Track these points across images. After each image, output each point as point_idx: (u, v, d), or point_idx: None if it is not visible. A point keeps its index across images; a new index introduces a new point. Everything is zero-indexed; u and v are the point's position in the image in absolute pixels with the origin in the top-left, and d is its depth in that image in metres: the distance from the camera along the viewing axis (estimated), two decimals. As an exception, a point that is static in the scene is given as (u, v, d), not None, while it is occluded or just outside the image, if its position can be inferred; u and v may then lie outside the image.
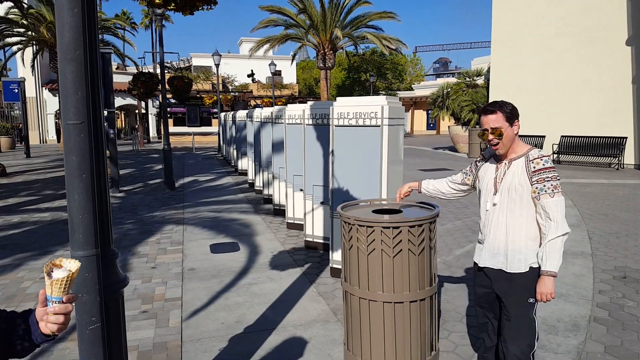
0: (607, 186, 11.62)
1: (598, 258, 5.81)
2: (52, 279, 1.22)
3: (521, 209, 2.53)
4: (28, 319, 1.29)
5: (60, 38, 1.86)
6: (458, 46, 77.29)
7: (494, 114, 2.55)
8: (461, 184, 3.00)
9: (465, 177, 2.97)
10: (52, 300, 1.24)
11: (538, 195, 2.46)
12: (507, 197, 2.55)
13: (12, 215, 8.84)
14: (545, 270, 2.46)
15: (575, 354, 3.53)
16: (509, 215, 2.56)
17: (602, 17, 15.95)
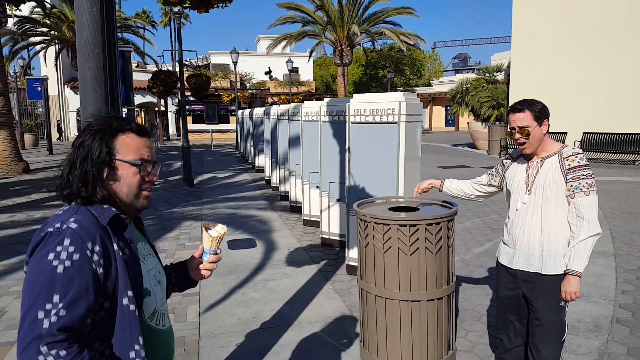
0: (630, 184, 11.38)
1: (621, 257, 5.69)
2: (212, 236, 1.62)
3: (556, 208, 2.47)
4: (178, 271, 1.70)
5: (80, 36, 1.88)
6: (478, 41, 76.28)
7: (522, 113, 2.48)
8: (487, 185, 2.91)
9: (491, 178, 2.88)
10: (209, 252, 1.64)
11: (573, 194, 2.40)
12: (542, 196, 2.49)
13: (35, 210, 9.02)
14: (571, 270, 2.41)
15: (596, 356, 3.46)
16: (544, 215, 2.49)
17: (624, 13, 15.60)
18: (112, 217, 1.32)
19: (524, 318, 2.73)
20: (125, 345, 1.29)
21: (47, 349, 1.14)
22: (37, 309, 1.17)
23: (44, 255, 1.22)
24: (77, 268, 1.21)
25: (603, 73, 16.19)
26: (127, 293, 1.29)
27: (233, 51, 26.20)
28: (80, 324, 1.20)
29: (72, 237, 1.23)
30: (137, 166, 1.38)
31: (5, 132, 14.63)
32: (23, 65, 29.70)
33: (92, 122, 1.42)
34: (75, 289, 1.20)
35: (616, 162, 15.41)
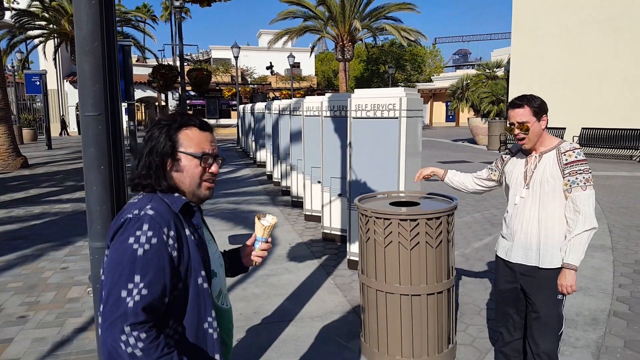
0: (628, 179, 11.38)
1: (618, 251, 5.70)
2: (264, 225, 1.72)
3: (554, 203, 2.49)
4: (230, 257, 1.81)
5: (78, 30, 1.87)
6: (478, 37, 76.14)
7: (521, 108, 2.51)
8: (487, 179, 2.93)
9: (490, 172, 2.90)
10: (261, 240, 1.74)
11: (570, 188, 2.43)
12: (540, 190, 2.51)
13: (34, 206, 9.02)
14: (566, 263, 2.43)
15: (594, 348, 3.47)
16: (542, 209, 2.51)
17: (626, 6, 15.54)
18: (184, 205, 1.45)
19: (523, 311, 2.74)
20: (199, 319, 1.43)
21: (130, 330, 1.24)
22: (120, 288, 1.27)
23: (125, 239, 1.32)
24: (155, 251, 1.32)
25: (603, 68, 16.16)
26: (200, 273, 1.42)
27: (234, 46, 26.15)
28: (158, 303, 1.31)
29: (150, 222, 1.34)
30: (198, 158, 1.48)
31: (3, 127, 14.59)
32: (21, 59, 29.60)
33: (160, 118, 1.54)
34: (154, 270, 1.31)
35: (614, 157, 15.41)
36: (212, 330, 1.46)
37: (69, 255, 5.93)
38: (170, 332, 1.39)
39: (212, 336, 1.47)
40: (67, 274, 5.29)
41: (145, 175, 1.45)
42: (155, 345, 1.27)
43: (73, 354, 3.52)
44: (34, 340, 3.76)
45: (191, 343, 1.43)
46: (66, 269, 5.46)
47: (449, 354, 3.29)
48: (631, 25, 15.38)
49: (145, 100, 40.20)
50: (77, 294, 4.70)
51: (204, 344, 1.45)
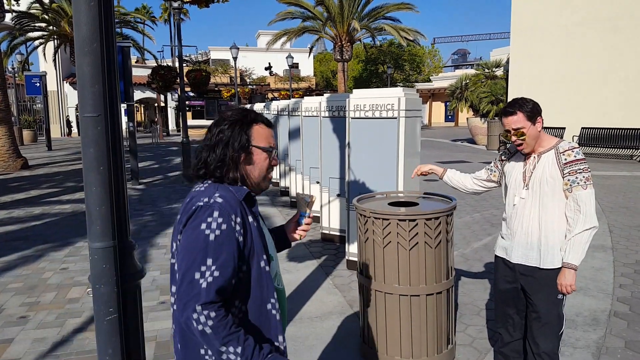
0: (628, 178, 11.39)
1: (619, 252, 5.70)
2: (309, 201, 1.86)
3: (554, 203, 2.49)
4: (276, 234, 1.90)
5: (77, 31, 1.88)
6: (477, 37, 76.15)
7: (515, 115, 2.51)
8: (486, 180, 2.93)
9: (490, 173, 2.90)
10: (305, 216, 1.87)
11: (570, 188, 2.43)
12: (539, 190, 2.51)
13: (34, 207, 9.03)
14: (566, 262, 2.43)
15: (594, 349, 3.47)
16: (542, 210, 2.51)
17: (625, 5, 15.56)
18: (247, 194, 1.56)
19: (523, 311, 2.74)
20: (262, 300, 1.53)
21: (202, 309, 1.36)
22: (194, 271, 1.39)
23: (197, 225, 1.43)
24: (225, 236, 1.43)
25: (602, 68, 16.17)
26: (263, 257, 1.53)
27: (233, 46, 26.18)
28: (228, 284, 1.43)
29: (220, 209, 1.44)
30: (268, 152, 1.62)
31: (3, 128, 14.59)
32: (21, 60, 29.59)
33: (227, 113, 1.64)
34: (225, 254, 1.42)
35: (614, 157, 15.42)
36: (275, 311, 1.55)
37: (69, 256, 5.94)
38: (235, 312, 1.48)
39: (275, 317, 1.55)
40: (67, 274, 5.30)
41: (219, 167, 1.54)
42: (224, 323, 1.37)
43: (73, 354, 3.52)
44: (35, 340, 3.76)
45: (254, 323, 1.52)
46: (66, 269, 5.46)
47: (448, 355, 3.29)
48: (631, 25, 15.40)
49: (144, 101, 40.20)
50: (77, 295, 4.71)
51: (267, 324, 1.54)
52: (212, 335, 1.36)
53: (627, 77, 15.55)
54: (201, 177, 1.59)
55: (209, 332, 1.36)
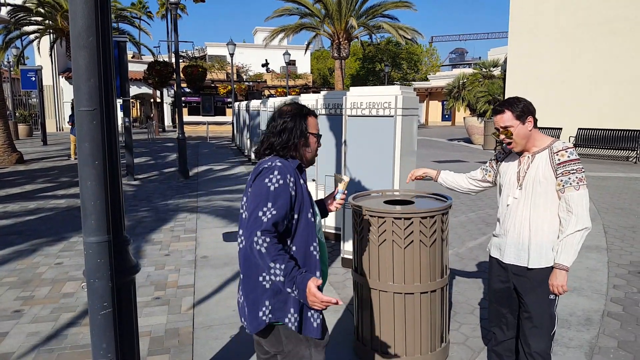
0: (624, 180, 11.44)
1: (613, 252, 5.73)
2: (344, 181, 2.34)
3: (546, 203, 2.49)
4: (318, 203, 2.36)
5: (73, 25, 1.86)
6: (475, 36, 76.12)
7: (503, 114, 2.52)
8: (482, 180, 2.93)
9: (485, 173, 2.90)
10: (341, 192, 2.34)
11: (563, 188, 2.42)
12: (532, 191, 2.51)
13: (29, 201, 8.99)
14: (557, 263, 2.43)
15: (587, 349, 3.49)
16: (533, 210, 2.51)
17: (623, 8, 15.60)
18: (298, 165, 2.08)
19: (516, 311, 2.75)
20: (307, 243, 2.01)
21: (260, 234, 1.84)
22: (258, 210, 1.89)
23: (263, 180, 1.95)
24: (282, 189, 1.92)
25: (599, 69, 16.22)
26: (310, 210, 2.03)
27: (230, 43, 26.10)
28: (281, 222, 1.91)
29: (279, 170, 1.96)
30: (317, 137, 2.16)
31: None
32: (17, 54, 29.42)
33: (287, 107, 2.15)
34: (280, 201, 1.90)
35: (610, 158, 15.49)
36: (315, 252, 2.02)
37: (63, 251, 5.92)
38: (287, 249, 1.97)
39: (315, 257, 2.02)
40: (61, 269, 5.28)
41: (283, 148, 2.06)
42: (275, 247, 1.84)
43: (67, 348, 3.52)
44: (29, 334, 3.75)
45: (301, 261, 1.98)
46: (61, 264, 5.44)
47: (441, 353, 3.30)
48: (628, 27, 15.45)
49: (140, 96, 40.03)
50: (71, 289, 4.69)
51: (309, 261, 2.00)
52: (265, 254, 1.83)
53: (623, 79, 15.61)
54: (266, 155, 2.10)
55: (263, 252, 1.83)
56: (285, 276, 1.82)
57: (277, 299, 1.96)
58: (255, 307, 1.98)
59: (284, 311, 1.96)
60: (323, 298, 1.80)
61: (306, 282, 1.80)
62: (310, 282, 1.80)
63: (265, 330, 2.02)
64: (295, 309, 1.96)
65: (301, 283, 1.81)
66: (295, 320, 1.95)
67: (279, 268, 1.82)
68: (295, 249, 1.99)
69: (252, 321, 1.99)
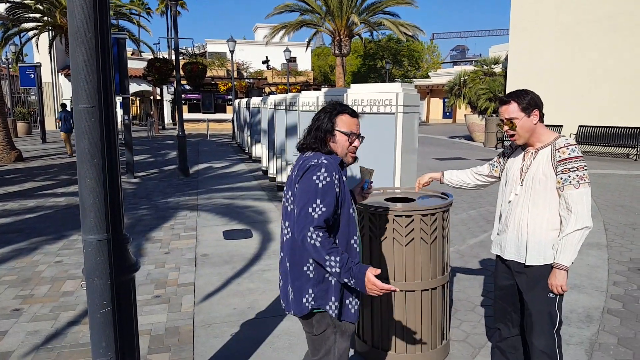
0: (625, 177, 11.43)
1: (613, 249, 5.72)
2: (370, 172, 2.49)
3: (545, 201, 2.45)
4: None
5: (72, 21, 1.85)
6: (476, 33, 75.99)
7: (508, 105, 2.50)
8: (488, 175, 2.91)
9: (492, 168, 2.88)
10: (368, 182, 2.50)
11: (562, 186, 2.38)
12: (531, 188, 2.48)
13: (28, 199, 8.98)
14: (556, 263, 2.41)
15: (587, 345, 3.49)
16: (532, 207, 2.49)
17: (624, 4, 15.55)
18: (340, 161, 2.18)
19: (519, 309, 2.74)
20: (349, 236, 2.15)
21: (314, 230, 1.98)
22: (308, 207, 2.01)
23: (311, 177, 2.05)
24: (329, 186, 2.04)
25: (600, 66, 16.18)
26: (351, 206, 2.18)
27: (230, 39, 26.04)
28: (330, 218, 2.04)
29: (326, 167, 2.07)
30: (347, 135, 2.20)
31: (-2, 120, 14.50)
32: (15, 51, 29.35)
33: (327, 106, 2.30)
34: (329, 198, 2.03)
35: (611, 156, 15.46)
36: (356, 245, 2.17)
37: (63, 249, 5.91)
38: (332, 240, 2.05)
39: (356, 249, 2.17)
40: (61, 267, 5.27)
41: (313, 143, 2.19)
42: (328, 240, 1.99)
43: (67, 347, 3.51)
44: (28, 333, 3.74)
45: None
46: (60, 262, 5.43)
47: (442, 350, 3.29)
48: (629, 23, 15.40)
49: (140, 94, 40.00)
50: (71, 288, 4.69)
51: (350, 252, 2.13)
52: (320, 247, 1.98)
53: (625, 76, 15.57)
54: (304, 149, 2.24)
55: (318, 246, 1.97)
56: (342, 267, 1.99)
57: (319, 287, 2.12)
58: (299, 294, 2.13)
59: (325, 299, 2.13)
60: (383, 286, 1.98)
61: (364, 272, 2.00)
62: (368, 272, 1.99)
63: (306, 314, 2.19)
64: (336, 298, 2.12)
65: (359, 272, 2.00)
66: (336, 307, 2.12)
67: (335, 260, 1.98)
68: (338, 243, 2.12)
69: (297, 307, 2.16)
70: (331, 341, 2.23)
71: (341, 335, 2.23)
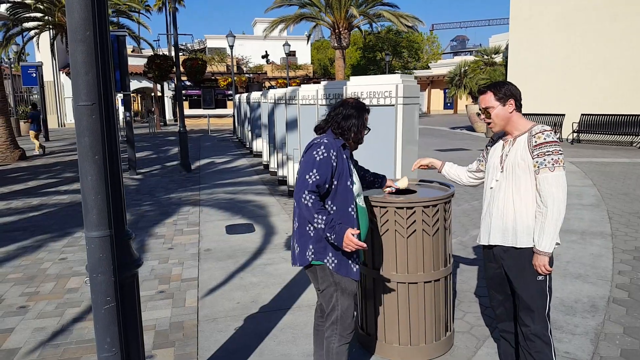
0: (628, 165, 11.39)
1: (618, 238, 5.71)
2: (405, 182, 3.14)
3: (526, 184, 2.53)
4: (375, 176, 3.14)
5: (70, 19, 1.85)
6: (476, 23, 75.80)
7: (485, 94, 2.64)
8: (477, 171, 2.99)
9: (479, 163, 2.96)
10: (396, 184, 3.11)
11: (538, 169, 2.47)
12: (512, 173, 2.56)
13: (32, 197, 9.01)
14: (537, 249, 2.47)
15: (593, 335, 3.49)
16: (515, 192, 2.56)
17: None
18: (342, 144, 2.58)
19: (510, 295, 2.76)
20: (346, 204, 2.51)
21: (307, 192, 2.40)
22: (305, 174, 2.43)
23: (312, 152, 2.49)
24: (325, 160, 2.45)
25: (603, 54, 16.07)
26: (348, 178, 2.53)
27: (229, 35, 25.97)
28: (322, 184, 2.44)
29: (325, 145, 2.50)
30: (368, 130, 2.72)
31: (1, 119, 14.54)
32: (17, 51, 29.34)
33: (351, 100, 2.73)
34: (323, 168, 2.44)
35: (614, 144, 15.40)
36: (353, 212, 2.53)
37: (67, 246, 5.93)
38: (328, 208, 2.50)
39: (353, 217, 2.52)
40: (66, 264, 5.30)
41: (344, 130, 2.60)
42: (318, 202, 2.40)
43: (73, 343, 3.53)
44: (35, 330, 3.77)
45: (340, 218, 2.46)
46: (65, 259, 5.46)
47: (446, 342, 3.30)
48: (630, 12, 15.28)
49: (141, 90, 39.99)
50: (76, 285, 4.71)
51: (347, 219, 2.49)
52: (311, 207, 2.37)
53: (626, 64, 15.46)
54: (325, 131, 2.65)
55: (310, 205, 2.38)
56: (326, 224, 2.36)
57: (318, 245, 2.49)
58: (303, 249, 2.53)
59: (323, 254, 2.50)
60: (358, 242, 2.36)
61: (345, 229, 2.36)
62: (349, 230, 2.36)
63: (309, 268, 2.61)
64: (332, 254, 2.50)
65: (340, 230, 2.36)
66: (333, 262, 2.50)
67: (321, 218, 2.36)
68: (337, 208, 2.49)
69: (301, 259, 2.55)
70: (334, 299, 2.56)
71: (342, 293, 2.55)
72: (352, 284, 2.57)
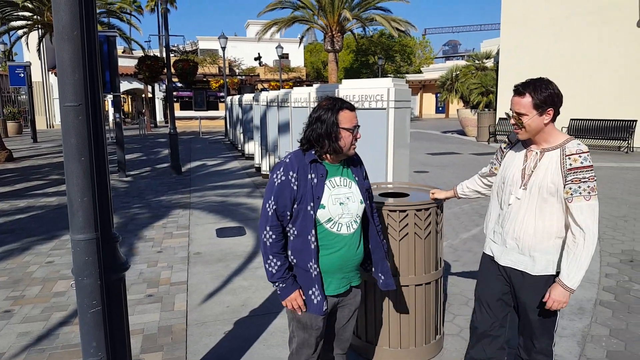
0: (616, 169, 11.50)
1: (605, 242, 5.75)
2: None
3: (552, 209, 2.25)
4: None
5: (57, 18, 1.82)
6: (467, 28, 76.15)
7: (522, 97, 2.22)
8: (490, 175, 2.68)
9: (492, 167, 2.64)
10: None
11: (571, 197, 2.16)
12: (538, 194, 2.26)
13: (19, 199, 8.90)
14: (564, 284, 2.21)
15: (580, 337, 3.51)
16: (539, 215, 2.27)
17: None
18: (312, 160, 2.21)
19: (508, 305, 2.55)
20: (306, 231, 2.16)
21: (269, 229, 2.16)
22: (265, 203, 2.18)
23: (272, 174, 2.22)
24: (283, 184, 2.16)
25: (592, 59, 16.23)
26: (310, 203, 2.15)
27: (222, 36, 25.91)
28: (282, 212, 2.16)
29: (285, 166, 2.19)
30: (350, 131, 2.19)
31: (-12, 120, 14.35)
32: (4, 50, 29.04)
33: (323, 102, 2.25)
34: (281, 195, 2.15)
35: (602, 148, 15.54)
36: (312, 241, 2.16)
37: (54, 249, 5.86)
38: (291, 231, 2.21)
39: (311, 246, 2.16)
40: (52, 268, 5.23)
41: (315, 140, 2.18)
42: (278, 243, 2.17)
43: (59, 348, 3.48)
44: (20, 334, 3.71)
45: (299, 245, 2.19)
46: (52, 263, 5.39)
47: (436, 345, 3.30)
48: (619, 16, 15.44)
49: (131, 92, 39.75)
50: (62, 288, 4.65)
51: (306, 248, 2.17)
52: (269, 246, 2.16)
53: (616, 69, 15.63)
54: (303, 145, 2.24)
55: (268, 245, 2.16)
56: (277, 272, 2.16)
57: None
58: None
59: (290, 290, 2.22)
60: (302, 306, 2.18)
61: (296, 289, 2.18)
62: (299, 291, 2.18)
63: None
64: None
65: (292, 286, 2.18)
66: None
67: (275, 263, 2.16)
68: (297, 233, 2.20)
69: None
70: (292, 327, 2.36)
71: (297, 325, 2.30)
72: (311, 318, 2.23)
